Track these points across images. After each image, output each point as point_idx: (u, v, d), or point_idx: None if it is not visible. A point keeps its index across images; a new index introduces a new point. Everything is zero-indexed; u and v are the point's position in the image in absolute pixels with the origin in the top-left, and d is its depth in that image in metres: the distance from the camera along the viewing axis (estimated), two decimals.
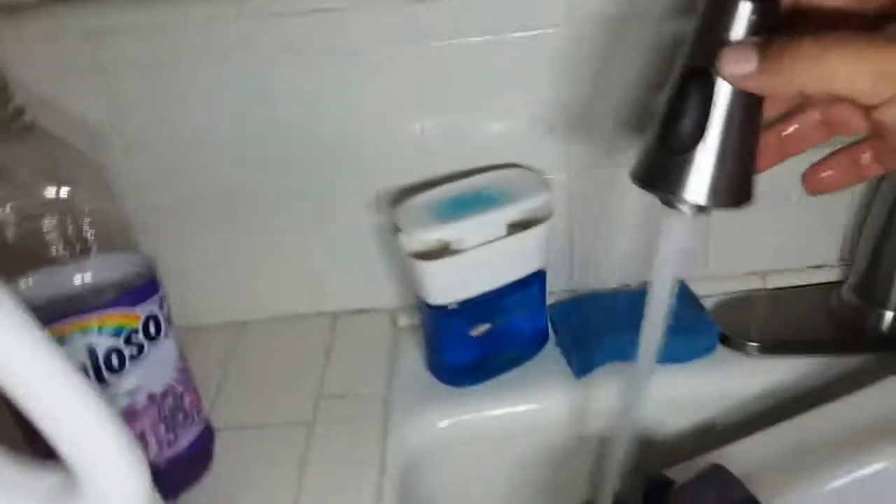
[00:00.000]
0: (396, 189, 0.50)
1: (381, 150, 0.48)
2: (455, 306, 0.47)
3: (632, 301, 0.53)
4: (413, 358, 0.52)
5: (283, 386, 0.49)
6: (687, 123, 0.29)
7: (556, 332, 0.53)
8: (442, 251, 0.45)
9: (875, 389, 0.40)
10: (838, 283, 0.54)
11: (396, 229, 0.45)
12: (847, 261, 0.54)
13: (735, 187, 0.30)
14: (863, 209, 0.52)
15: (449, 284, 0.46)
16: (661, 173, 0.30)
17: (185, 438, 0.41)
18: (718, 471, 0.33)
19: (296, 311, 0.55)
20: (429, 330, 0.50)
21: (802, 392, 0.49)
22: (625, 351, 0.50)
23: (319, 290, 0.54)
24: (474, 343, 0.48)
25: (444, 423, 0.48)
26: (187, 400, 0.41)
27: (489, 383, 0.49)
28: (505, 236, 0.46)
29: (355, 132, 0.48)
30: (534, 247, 0.47)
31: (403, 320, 0.55)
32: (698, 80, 0.28)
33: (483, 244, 0.45)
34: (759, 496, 0.33)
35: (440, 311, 0.47)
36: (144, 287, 0.38)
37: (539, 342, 0.52)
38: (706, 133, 0.29)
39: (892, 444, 0.33)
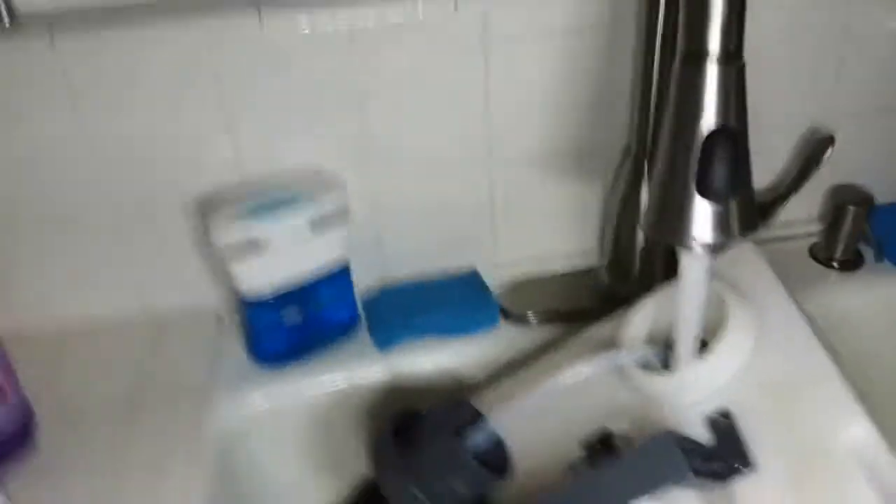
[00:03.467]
0: (209, 195, 0.56)
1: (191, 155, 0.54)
2: (268, 298, 0.53)
3: (428, 288, 0.62)
4: (236, 350, 0.58)
5: (104, 378, 0.54)
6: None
7: (367, 318, 0.60)
8: (251, 248, 0.51)
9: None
10: (598, 267, 0.65)
11: (209, 231, 0.51)
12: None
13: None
14: (608, 203, 0.63)
15: (260, 278, 0.53)
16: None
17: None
18: (460, 403, 0.41)
19: (119, 314, 0.59)
20: (246, 321, 0.56)
21: None
22: (421, 329, 0.58)
23: (142, 291, 0.59)
24: (288, 330, 0.55)
25: (259, 401, 0.54)
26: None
27: (303, 363, 0.56)
28: (308, 233, 0.53)
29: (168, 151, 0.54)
30: (335, 242, 0.55)
31: (229, 319, 0.60)
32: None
33: (288, 241, 0.52)
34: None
35: (254, 303, 0.53)
36: None
37: (349, 327, 0.59)
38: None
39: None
